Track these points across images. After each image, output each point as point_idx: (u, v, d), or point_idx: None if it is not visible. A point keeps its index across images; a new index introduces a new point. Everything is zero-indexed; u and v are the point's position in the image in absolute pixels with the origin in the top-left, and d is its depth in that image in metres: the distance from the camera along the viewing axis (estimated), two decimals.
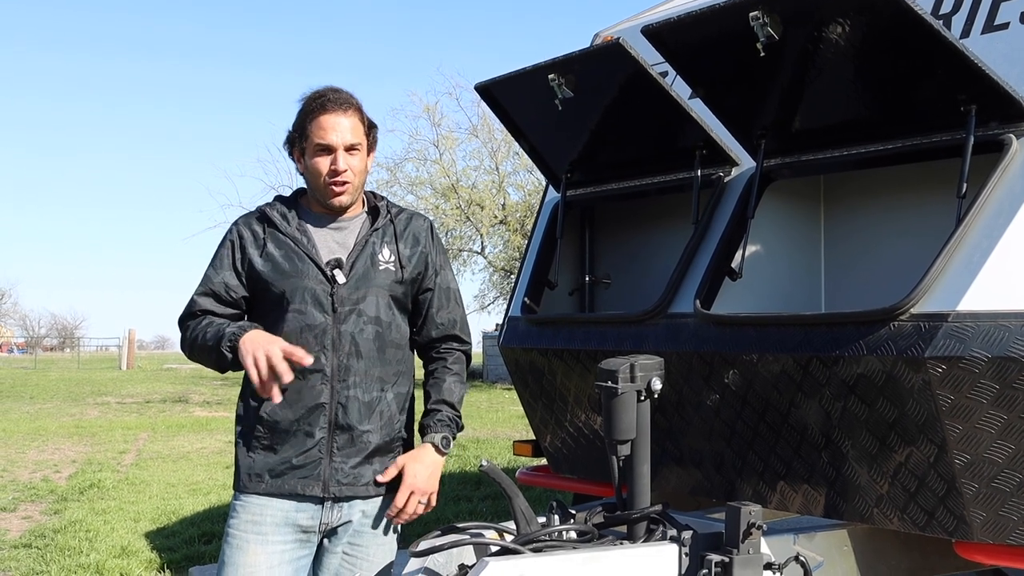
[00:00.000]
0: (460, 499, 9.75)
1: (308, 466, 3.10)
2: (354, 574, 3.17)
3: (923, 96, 3.25)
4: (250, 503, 3.11)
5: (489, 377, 33.62)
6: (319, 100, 3.14)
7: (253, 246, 3.18)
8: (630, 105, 3.88)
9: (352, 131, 3.14)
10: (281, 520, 3.10)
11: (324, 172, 3.12)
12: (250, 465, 3.13)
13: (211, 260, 3.24)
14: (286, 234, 3.17)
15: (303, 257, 3.14)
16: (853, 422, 3.20)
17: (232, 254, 3.19)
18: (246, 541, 3.08)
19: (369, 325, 3.16)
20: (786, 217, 4.03)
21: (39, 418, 20.05)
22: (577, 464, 4.39)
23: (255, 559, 3.07)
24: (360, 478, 3.15)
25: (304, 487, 3.10)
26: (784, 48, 3.25)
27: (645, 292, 4.35)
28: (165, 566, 7.15)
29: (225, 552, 3.12)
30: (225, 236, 3.25)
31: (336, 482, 3.12)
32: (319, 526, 3.13)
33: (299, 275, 3.12)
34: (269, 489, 3.10)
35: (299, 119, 3.17)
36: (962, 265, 2.98)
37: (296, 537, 3.12)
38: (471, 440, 15.43)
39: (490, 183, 30.83)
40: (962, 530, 3.08)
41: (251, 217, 3.25)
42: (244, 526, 3.10)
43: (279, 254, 3.15)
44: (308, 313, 3.11)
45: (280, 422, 3.10)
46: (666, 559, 2.80)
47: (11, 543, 8.03)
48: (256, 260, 3.16)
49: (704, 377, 3.59)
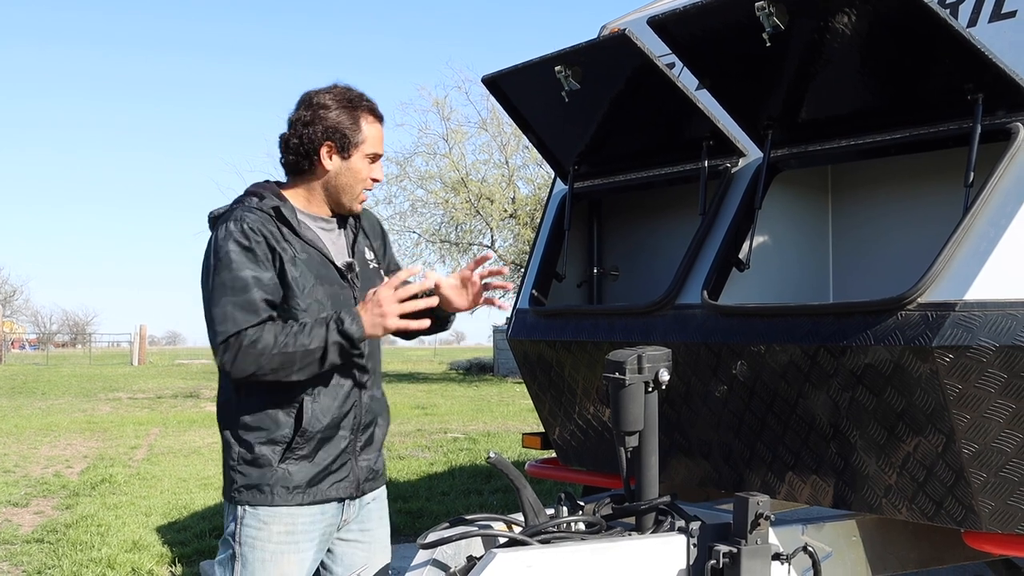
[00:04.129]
0: (471, 492, 9.76)
1: (342, 469, 3.07)
2: (367, 558, 3.19)
3: (930, 85, 3.24)
4: (280, 513, 2.98)
5: (500, 371, 33.64)
6: (372, 105, 3.10)
7: (282, 248, 2.96)
8: (637, 97, 3.88)
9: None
10: (310, 528, 3.03)
11: (366, 179, 3.10)
12: (286, 478, 2.97)
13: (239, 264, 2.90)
14: (305, 238, 3.03)
15: (326, 263, 3.05)
16: (861, 412, 3.20)
17: (266, 255, 2.94)
18: (279, 553, 2.98)
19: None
20: (793, 207, 4.03)
21: (51, 414, 20.12)
22: (586, 456, 4.39)
23: (289, 568, 3.00)
24: (376, 472, 3.20)
25: (339, 491, 3.07)
26: (790, 38, 3.25)
27: (653, 283, 4.36)
28: (176, 560, 7.18)
29: (253, 565, 2.98)
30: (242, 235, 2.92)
31: (365, 479, 3.14)
32: (340, 524, 3.13)
33: (326, 283, 3.03)
34: (305, 500, 3.00)
35: (346, 116, 3.03)
36: (969, 254, 2.97)
37: (321, 541, 3.09)
38: (482, 434, 15.45)
39: (500, 177, 30.80)
40: (971, 520, 3.07)
41: (259, 216, 2.98)
42: (277, 537, 2.98)
43: (305, 259, 3.00)
44: None
45: (320, 430, 3.00)
46: (674, 550, 2.80)
47: (23, 538, 8.06)
48: (288, 265, 2.96)
49: (712, 368, 3.59)
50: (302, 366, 2.89)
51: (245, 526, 3.00)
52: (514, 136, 29.61)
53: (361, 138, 3.06)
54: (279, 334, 2.87)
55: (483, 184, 30.32)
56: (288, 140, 3.07)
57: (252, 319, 2.87)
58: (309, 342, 2.86)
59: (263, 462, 2.99)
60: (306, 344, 2.86)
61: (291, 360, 2.87)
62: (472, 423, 17.52)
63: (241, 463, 3.01)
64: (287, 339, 2.86)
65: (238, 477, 3.01)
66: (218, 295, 2.90)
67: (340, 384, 3.05)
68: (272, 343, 2.85)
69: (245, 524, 3.00)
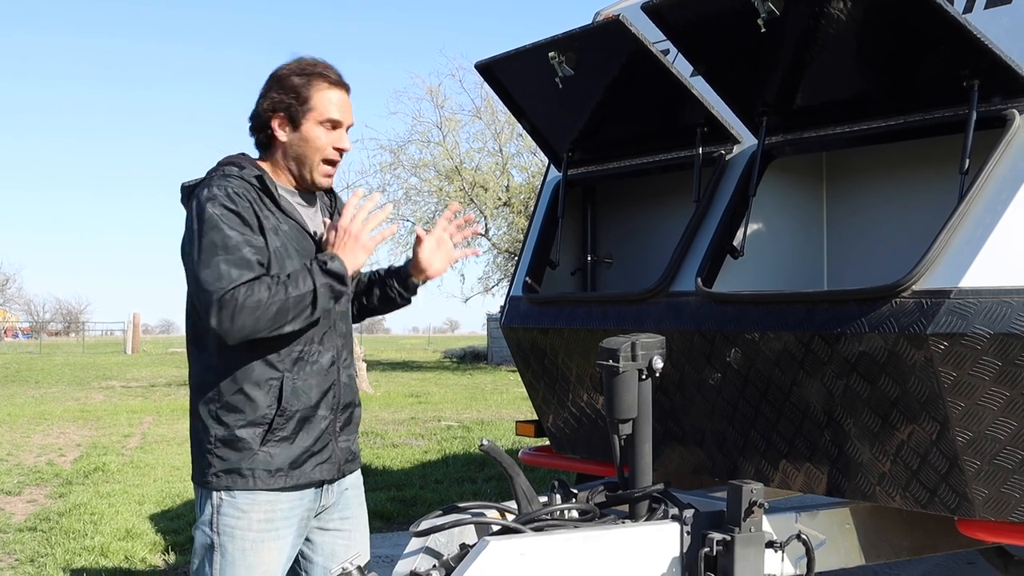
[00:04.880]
0: (464, 480, 9.77)
1: (323, 450, 3.01)
2: (349, 548, 3.13)
3: (925, 72, 3.22)
4: (259, 500, 2.91)
5: (494, 359, 33.69)
6: (326, 71, 2.99)
7: (265, 215, 2.91)
8: (631, 83, 3.86)
9: (352, 112, 3.04)
10: (289, 514, 2.97)
11: (325, 147, 2.99)
12: (267, 461, 2.90)
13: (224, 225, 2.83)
14: (286, 210, 2.98)
15: (305, 235, 3.00)
16: (855, 400, 3.19)
17: (251, 219, 2.87)
18: (260, 541, 2.91)
19: (348, 300, 3.10)
20: (788, 195, 4.02)
21: (44, 402, 20.11)
22: (579, 444, 4.39)
23: (270, 556, 2.93)
24: (354, 454, 3.16)
25: (321, 472, 3.01)
26: (785, 24, 3.23)
27: (647, 271, 4.35)
28: (169, 548, 7.17)
29: (233, 554, 2.90)
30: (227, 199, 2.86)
31: (344, 460, 3.10)
32: (318, 509, 3.08)
33: (307, 254, 2.97)
34: (287, 483, 2.93)
35: (297, 85, 2.97)
36: (964, 241, 2.96)
37: (300, 527, 3.03)
38: (475, 422, 15.46)
39: (494, 165, 30.76)
40: (964, 507, 3.07)
41: (242, 184, 2.91)
42: (257, 526, 2.91)
43: (286, 230, 2.95)
44: None
45: (300, 409, 2.95)
46: (668, 538, 2.80)
47: (16, 526, 8.05)
48: (270, 234, 2.90)
49: (706, 355, 3.58)
50: (296, 314, 2.82)
51: (223, 515, 2.91)
52: (508, 124, 29.57)
53: (311, 105, 2.97)
54: (271, 286, 2.79)
55: (477, 172, 30.28)
56: (251, 116, 3.06)
57: (247, 275, 2.78)
58: (298, 288, 2.81)
59: (243, 445, 2.90)
60: (298, 290, 2.81)
61: (285, 309, 2.80)
62: (466, 411, 17.53)
63: (219, 446, 2.91)
64: (278, 290, 2.78)
65: (216, 461, 2.91)
66: (208, 255, 2.80)
67: (318, 363, 2.99)
68: (267, 297, 2.77)
69: (223, 513, 2.91)
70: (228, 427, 2.91)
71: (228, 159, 3.05)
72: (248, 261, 2.80)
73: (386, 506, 8.35)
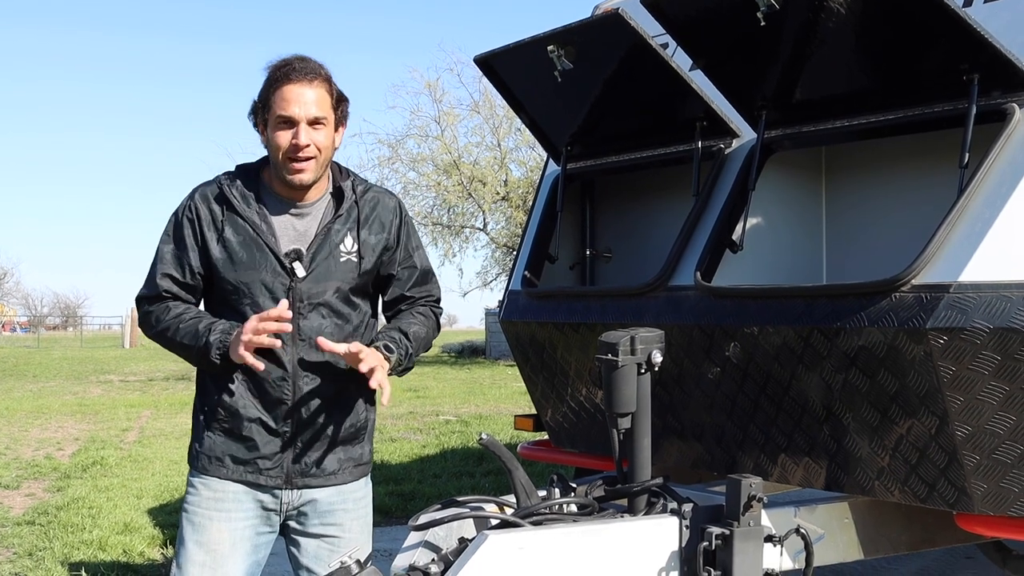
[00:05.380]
0: (462, 475, 9.77)
1: (271, 458, 3.04)
2: (334, 555, 3.06)
3: (925, 66, 3.22)
4: (211, 481, 3.05)
5: (492, 354, 33.65)
6: (284, 69, 2.95)
7: (211, 228, 3.00)
8: (630, 77, 3.85)
9: (317, 103, 2.94)
10: (243, 498, 3.05)
11: (285, 146, 2.93)
12: (211, 447, 3.05)
13: (167, 237, 3.06)
14: (245, 219, 2.99)
15: (261, 246, 2.98)
16: (854, 394, 3.19)
17: (192, 233, 3.02)
18: (208, 519, 3.02)
19: (330, 319, 3.04)
20: (787, 189, 4.01)
21: (42, 396, 20.09)
22: (578, 438, 4.38)
23: (218, 536, 3.01)
24: (324, 470, 3.10)
25: (266, 478, 3.04)
26: (785, 18, 3.22)
27: (646, 265, 4.34)
28: (167, 542, 7.16)
29: (186, 529, 3.05)
30: (181, 212, 3.05)
31: (299, 474, 3.07)
32: (281, 506, 3.09)
33: (256, 267, 2.97)
34: (230, 475, 3.04)
35: (263, 88, 2.98)
36: (964, 236, 2.96)
37: (258, 514, 3.07)
38: (474, 416, 15.46)
39: (492, 159, 30.77)
40: (963, 502, 3.07)
41: (208, 193, 3.04)
42: (206, 503, 3.03)
43: (236, 241, 2.97)
44: (265, 307, 2.94)
45: (243, 413, 3.01)
46: (666, 532, 2.79)
47: (14, 520, 8.05)
48: (212, 246, 2.99)
49: (705, 350, 3.58)
50: (181, 354, 3.06)
51: (187, 492, 3.12)
52: (506, 118, 29.58)
53: (270, 104, 2.97)
54: (165, 316, 3.05)
55: (475, 166, 30.30)
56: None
57: (147, 292, 3.08)
58: (183, 337, 3.01)
59: (199, 427, 3.12)
60: (180, 338, 3.01)
61: (170, 344, 3.06)
62: (464, 406, 17.52)
63: (194, 429, 3.16)
64: (169, 323, 3.03)
65: (189, 445, 3.17)
66: (153, 260, 3.10)
67: (268, 375, 2.99)
68: (158, 321, 3.06)
69: (187, 490, 3.12)
70: (197, 410, 3.15)
71: (243, 163, 3.18)
72: (153, 281, 3.06)
73: (384, 500, 8.34)
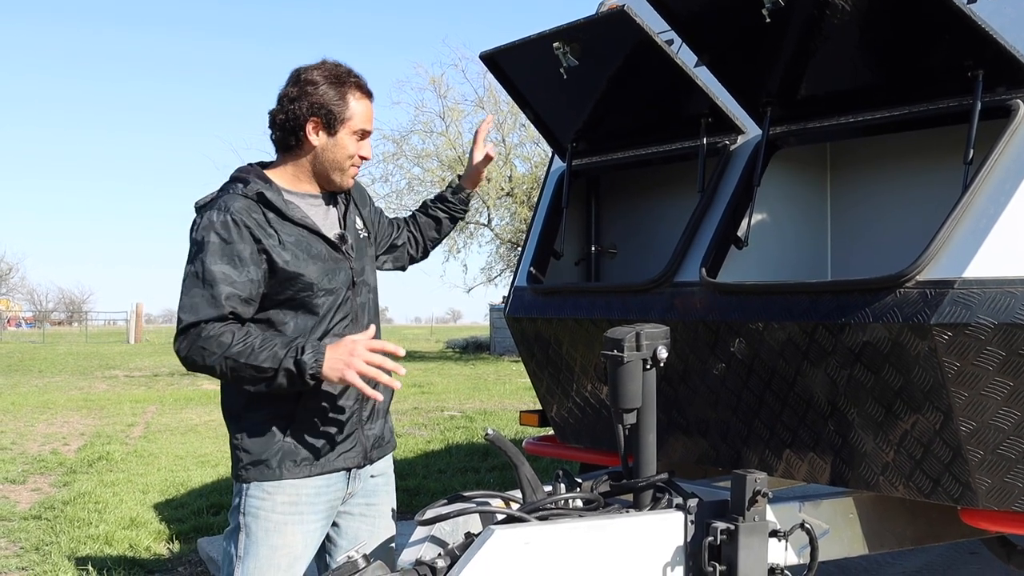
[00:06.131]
0: (468, 470, 9.78)
1: (348, 439, 3.10)
2: (372, 532, 3.19)
3: (930, 62, 3.22)
4: (284, 485, 3.00)
5: (497, 350, 33.68)
6: (360, 81, 3.08)
7: (266, 236, 2.94)
8: (635, 73, 3.86)
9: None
10: (315, 499, 3.05)
11: (354, 155, 3.09)
12: (292, 451, 3.00)
13: (213, 257, 2.89)
14: (293, 219, 3.01)
15: (316, 239, 3.04)
16: (859, 390, 3.20)
17: (247, 246, 2.91)
18: (283, 523, 3.00)
19: (371, 293, 3.23)
20: (792, 185, 4.02)
21: (48, 391, 20.14)
22: (583, 433, 4.39)
23: (293, 539, 3.01)
24: (382, 439, 3.24)
25: (346, 461, 3.09)
26: (790, 14, 3.23)
27: (651, 261, 4.34)
28: (174, 537, 7.19)
29: (256, 535, 2.99)
30: (223, 228, 2.91)
31: (372, 447, 3.18)
32: (346, 495, 3.15)
33: (320, 258, 3.03)
34: (313, 471, 3.02)
35: (334, 94, 3.00)
36: (968, 232, 2.96)
37: (327, 513, 3.11)
38: (479, 412, 15.47)
39: (496, 155, 30.69)
40: (967, 497, 3.07)
41: (244, 204, 2.95)
42: (281, 508, 3.00)
43: (294, 241, 2.99)
44: (336, 293, 3.05)
45: (322, 403, 3.03)
46: (672, 527, 2.81)
47: (21, 515, 8.08)
48: (275, 252, 2.93)
49: (710, 346, 3.59)
50: (250, 380, 2.86)
51: (249, 496, 3.01)
52: (511, 114, 29.54)
53: (348, 114, 3.04)
54: (237, 339, 2.84)
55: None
56: (275, 116, 3.05)
57: (213, 313, 2.86)
58: (261, 360, 2.82)
59: (267, 437, 3.00)
60: (258, 360, 2.82)
61: (239, 369, 2.83)
62: (469, 401, 17.54)
63: (245, 439, 3.02)
64: (243, 347, 2.83)
65: (243, 455, 3.02)
66: (188, 284, 2.90)
67: None
68: (227, 345, 2.83)
69: (249, 495, 3.01)
70: (253, 420, 3.00)
71: (237, 173, 3.09)
72: (218, 299, 2.86)
73: None
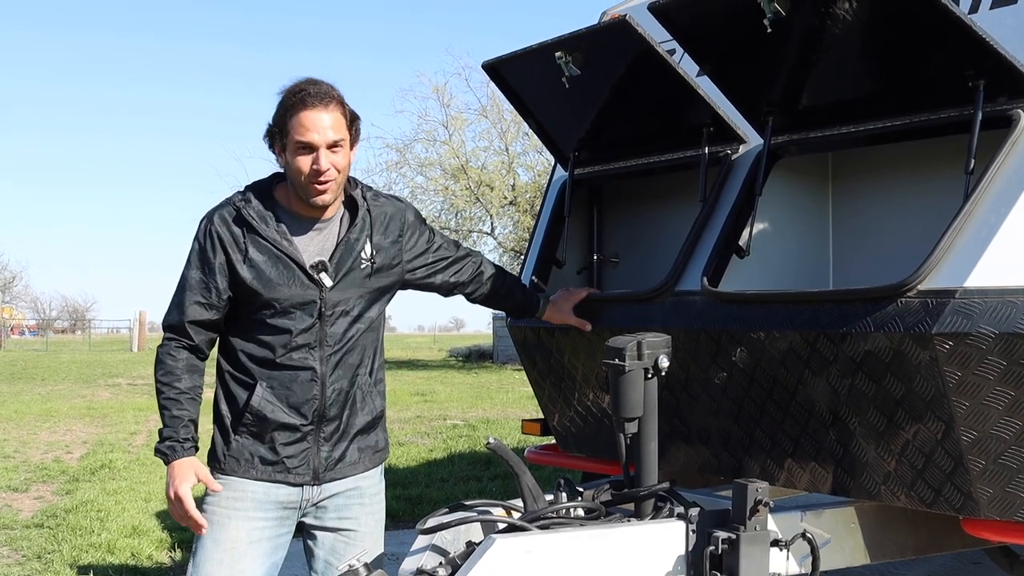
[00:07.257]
0: (470, 479, 9.78)
1: (298, 456, 3.14)
2: (350, 548, 3.20)
3: (931, 72, 3.23)
4: (231, 481, 3.12)
5: (499, 358, 33.65)
6: (299, 95, 3.01)
7: (235, 250, 3.06)
8: (637, 83, 3.87)
9: (334, 127, 3.03)
10: (263, 498, 3.13)
11: (306, 171, 3.02)
12: (239, 449, 3.12)
13: (193, 263, 3.10)
14: (266, 237, 3.06)
15: (287, 262, 3.06)
16: (860, 399, 3.20)
17: (217, 257, 3.06)
18: (227, 517, 3.09)
19: (356, 323, 3.18)
20: (794, 194, 4.02)
21: (51, 399, 20.13)
22: (585, 442, 4.39)
23: (236, 534, 3.09)
24: (346, 461, 3.22)
25: (294, 476, 3.14)
26: (791, 24, 3.23)
27: (653, 270, 4.34)
28: (176, 545, 7.19)
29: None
30: (203, 237, 3.10)
31: (325, 468, 3.17)
32: (300, 503, 3.18)
33: (286, 282, 3.06)
34: (258, 475, 3.12)
35: (278, 114, 3.05)
36: (970, 241, 2.97)
37: (277, 514, 3.15)
38: (481, 420, 15.46)
39: (500, 164, 30.75)
40: (969, 507, 3.07)
41: (226, 216, 3.10)
42: (225, 503, 3.10)
43: (262, 260, 3.05)
44: (297, 318, 3.08)
45: (270, 417, 3.09)
46: (673, 536, 2.81)
47: (23, 523, 8.08)
48: (240, 267, 3.05)
49: (711, 355, 3.59)
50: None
51: (205, 492, 3.12)
52: (514, 123, 29.57)
53: (287, 130, 3.03)
54: (165, 371, 3.10)
55: (483, 171, 30.27)
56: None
57: (175, 318, 3.11)
58: (164, 405, 3.09)
59: (224, 432, 3.15)
60: (161, 402, 3.09)
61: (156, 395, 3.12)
62: (471, 410, 17.53)
63: (215, 431, 3.19)
64: (162, 382, 3.09)
65: (211, 447, 3.19)
66: (179, 285, 3.13)
67: (294, 377, 3.10)
68: (160, 368, 3.11)
69: (205, 490, 3.13)
70: (218, 416, 3.18)
71: (249, 184, 3.22)
72: (182, 307, 3.10)
73: (392, 504, 8.28)
